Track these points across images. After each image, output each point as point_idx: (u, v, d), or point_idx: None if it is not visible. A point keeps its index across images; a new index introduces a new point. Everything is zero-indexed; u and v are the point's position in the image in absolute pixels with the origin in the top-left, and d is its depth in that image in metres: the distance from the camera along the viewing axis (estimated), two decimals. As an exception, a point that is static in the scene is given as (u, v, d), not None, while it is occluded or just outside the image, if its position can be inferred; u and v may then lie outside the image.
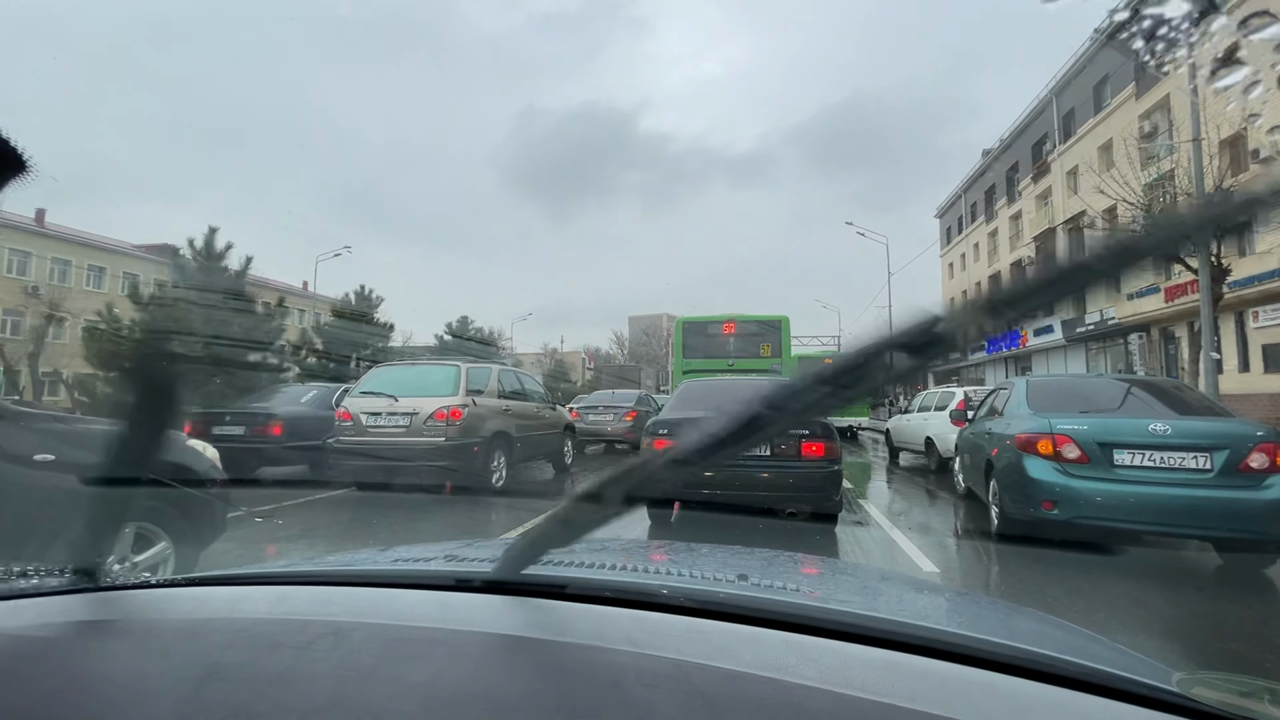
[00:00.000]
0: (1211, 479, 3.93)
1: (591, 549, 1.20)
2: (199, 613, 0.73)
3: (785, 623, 0.70)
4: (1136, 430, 4.14)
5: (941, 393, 10.64)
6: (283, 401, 9.00)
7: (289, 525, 6.08)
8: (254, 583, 0.87)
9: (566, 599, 0.77)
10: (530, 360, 53.82)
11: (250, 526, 5.90)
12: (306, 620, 0.67)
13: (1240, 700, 0.64)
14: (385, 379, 7.22)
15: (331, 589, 0.86)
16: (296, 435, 8.20)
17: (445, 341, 22.42)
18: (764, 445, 5.21)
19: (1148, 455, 4.07)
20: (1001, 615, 1.13)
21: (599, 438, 13.18)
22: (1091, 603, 3.66)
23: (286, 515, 6.45)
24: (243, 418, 8.25)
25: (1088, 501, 4.08)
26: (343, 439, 6.92)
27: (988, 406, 6.32)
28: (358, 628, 0.66)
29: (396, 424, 6.73)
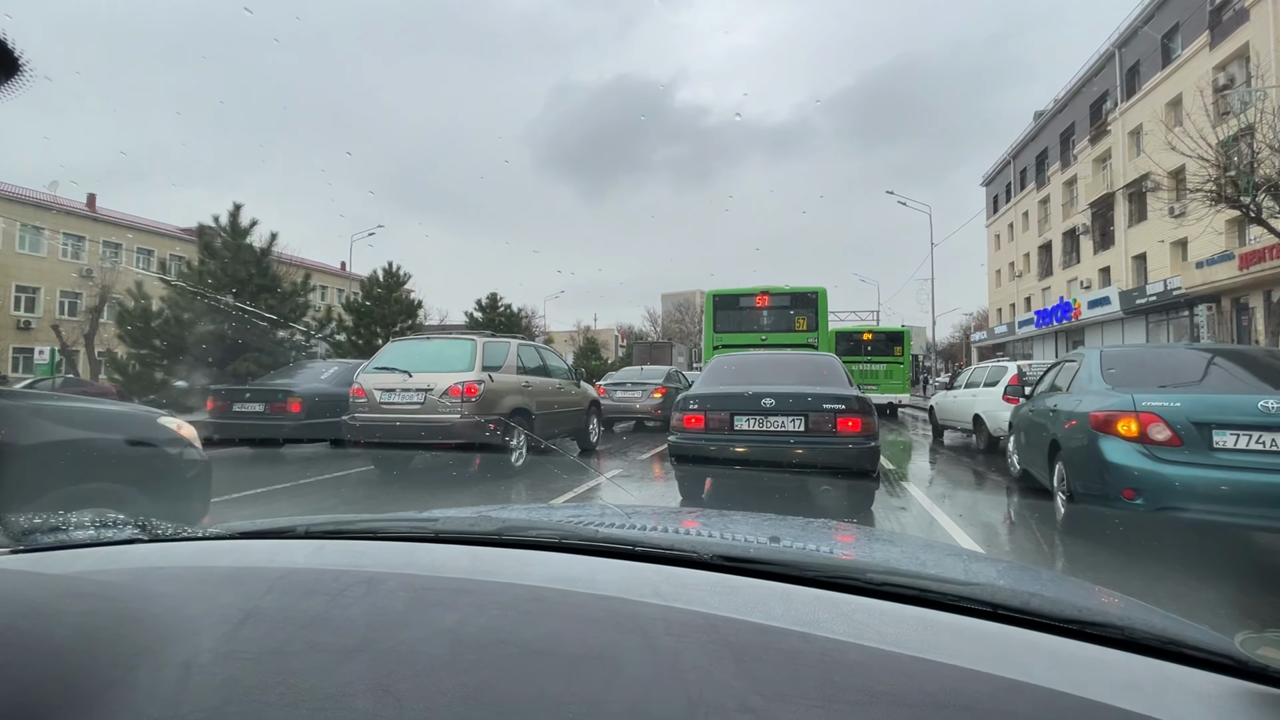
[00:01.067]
0: (1337, 465, 3.31)
1: (625, 512, 1.23)
2: (241, 562, 0.77)
3: (817, 579, 0.69)
4: (1242, 407, 3.52)
5: (992, 367, 9.92)
6: (303, 379, 8.89)
7: (306, 502, 5.95)
8: (293, 536, 0.90)
9: (594, 554, 0.77)
10: (563, 338, 53.95)
11: (261, 505, 5.78)
12: (341, 570, 0.70)
13: None
14: (399, 354, 6.96)
15: (365, 542, 0.88)
16: (316, 412, 8.07)
17: (474, 320, 22.33)
18: (798, 420, 4.84)
19: (1256, 437, 3.46)
20: (1046, 581, 1.09)
21: (627, 414, 12.87)
22: (1171, 603, 3.15)
23: (304, 493, 6.32)
24: (262, 395, 8.16)
25: (1180, 490, 3.50)
26: (358, 416, 6.70)
27: (1049, 382, 5.70)
28: (389, 578, 0.68)
29: (410, 401, 6.46)
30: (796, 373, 5.78)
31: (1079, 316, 28.41)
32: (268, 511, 5.63)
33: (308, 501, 6.00)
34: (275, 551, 0.83)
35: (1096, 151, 29.30)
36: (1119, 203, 27.24)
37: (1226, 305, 21.04)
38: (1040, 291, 35.32)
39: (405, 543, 0.87)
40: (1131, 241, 26.74)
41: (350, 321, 16.81)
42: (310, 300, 12.65)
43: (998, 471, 7.62)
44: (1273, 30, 18.36)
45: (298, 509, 5.75)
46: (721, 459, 5.08)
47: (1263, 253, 17.31)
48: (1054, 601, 0.69)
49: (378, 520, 1.00)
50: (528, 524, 0.99)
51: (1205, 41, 21.99)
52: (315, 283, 43.28)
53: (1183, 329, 23.43)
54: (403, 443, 6.47)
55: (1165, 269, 23.70)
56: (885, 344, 19.31)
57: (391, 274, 16.90)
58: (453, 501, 6.08)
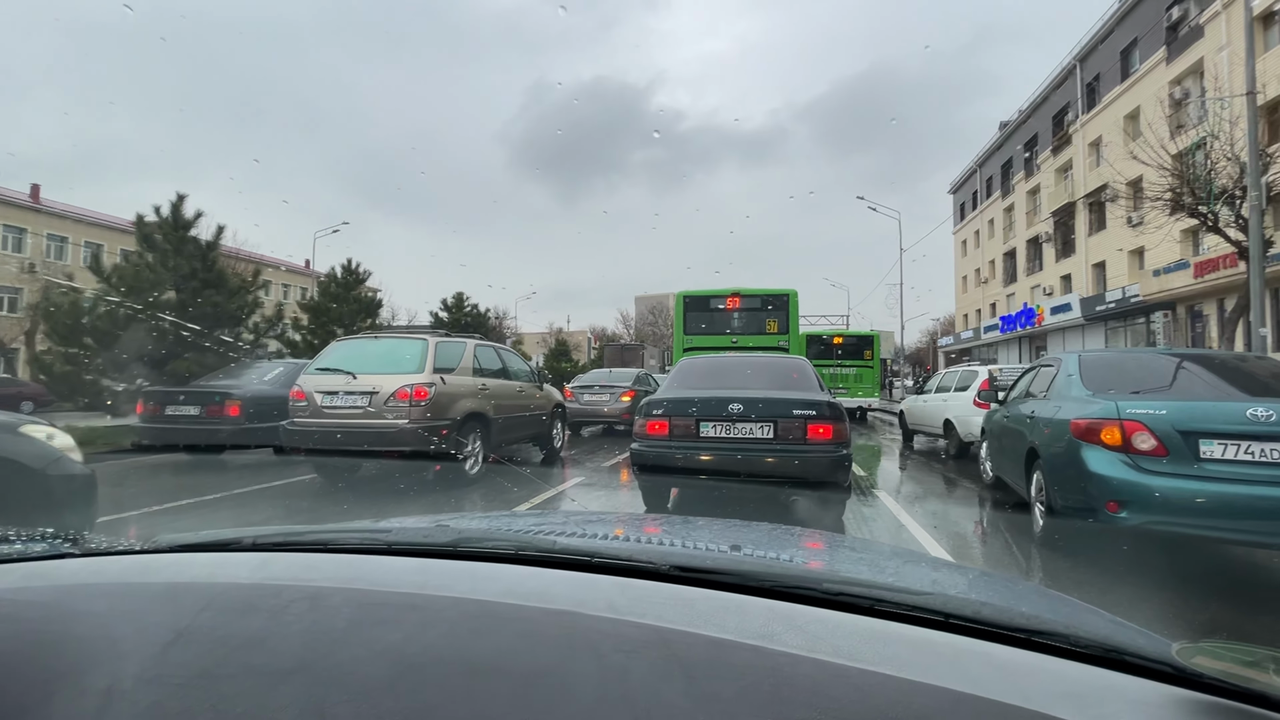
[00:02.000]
0: (1327, 477, 3.14)
1: (586, 519, 1.24)
2: (179, 577, 0.74)
3: (774, 590, 0.69)
4: (1230, 415, 3.34)
5: (963, 371, 9.84)
6: (246, 380, 8.32)
7: (246, 513, 5.46)
8: (238, 549, 0.87)
9: (550, 565, 0.76)
10: (534, 340, 53.27)
11: (195, 516, 5.28)
12: (284, 585, 0.68)
13: (1243, 670, 0.55)
14: (345, 354, 6.48)
15: (315, 555, 0.85)
16: (257, 416, 7.53)
17: (440, 320, 21.68)
18: (767, 426, 4.57)
19: (1244, 447, 3.28)
20: (1000, 587, 1.08)
21: (595, 419, 12.52)
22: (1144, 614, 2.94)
23: (244, 503, 5.82)
24: (197, 397, 7.58)
25: (1166, 503, 3.31)
26: (296, 421, 6.20)
27: (1023, 387, 5.53)
28: (335, 593, 0.66)
29: (354, 404, 6.00)
30: (766, 376, 5.51)
31: (1042, 322, 29.01)
32: (203, 523, 5.15)
33: (248, 511, 5.52)
34: (217, 565, 0.80)
35: (1058, 161, 30.01)
36: (1080, 212, 27.90)
37: (1182, 313, 21.64)
38: (1005, 297, 36.05)
39: (356, 555, 0.84)
40: (1092, 249, 27.40)
41: (306, 320, 16.09)
42: (260, 297, 11.95)
43: (970, 478, 7.48)
44: (1225, 46, 18.92)
45: (235, 520, 5.28)
46: (686, 468, 4.77)
47: (1216, 262, 17.79)
48: (1004, 610, 0.70)
49: (329, 531, 0.95)
50: (484, 535, 0.97)
51: (1162, 56, 22.63)
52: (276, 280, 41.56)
53: (1140, 335, 24.05)
54: (345, 450, 6.00)
55: (1124, 277, 24.30)
56: (856, 348, 19.33)
57: (350, 271, 16.24)
58: (404, 511, 5.65)
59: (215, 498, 5.90)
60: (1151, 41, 23.32)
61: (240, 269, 14.22)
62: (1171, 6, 22.31)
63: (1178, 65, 21.72)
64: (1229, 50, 18.37)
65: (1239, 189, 10.96)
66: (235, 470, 7.54)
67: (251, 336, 11.89)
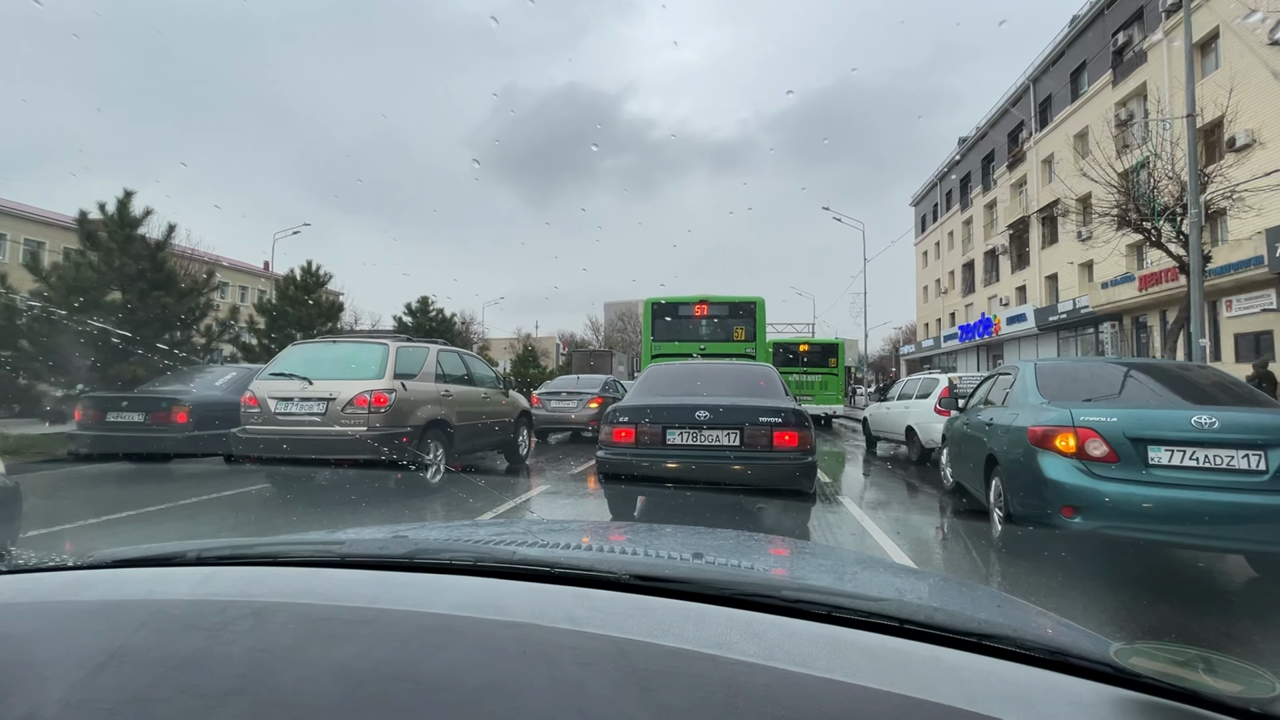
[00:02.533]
0: (1265, 483, 3.27)
1: (549, 528, 1.22)
2: (115, 594, 0.71)
3: (734, 598, 0.69)
4: (1176, 423, 3.46)
5: (924, 379, 10.05)
6: (195, 385, 7.96)
7: (193, 525, 5.19)
8: (181, 563, 0.84)
9: (509, 577, 0.75)
10: (502, 345, 52.66)
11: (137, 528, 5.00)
12: (227, 601, 0.66)
13: (1175, 669, 0.59)
14: (301, 359, 6.25)
15: (263, 569, 0.81)
16: (207, 423, 7.21)
17: (404, 324, 21.23)
18: (733, 434, 4.57)
19: (1190, 453, 3.39)
20: (956, 592, 1.11)
21: (563, 425, 12.40)
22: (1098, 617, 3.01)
23: (190, 514, 5.54)
24: (142, 403, 7.21)
25: (1117, 509, 3.40)
26: (248, 429, 5.95)
27: (982, 395, 5.66)
28: (282, 608, 0.64)
29: (310, 411, 5.78)
30: (733, 383, 5.52)
31: (999, 332, 29.97)
32: (145, 536, 4.88)
33: (194, 524, 5.26)
34: (157, 581, 0.76)
35: (1014, 177, 31.14)
36: (1034, 225, 28.97)
37: (1128, 323, 22.62)
38: (964, 307, 37.14)
39: (307, 568, 0.81)
40: (1045, 262, 28.47)
41: (262, 324, 15.55)
42: (213, 299, 11.50)
43: (931, 484, 7.62)
44: (1166, 71, 19.94)
45: (179, 533, 5.02)
46: (653, 476, 4.73)
47: (1159, 275, 18.64)
48: (956, 615, 0.72)
49: (280, 543, 0.92)
50: (441, 546, 0.94)
51: (1109, 79, 23.72)
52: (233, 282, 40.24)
53: (1089, 345, 25.04)
54: (299, 458, 5.77)
55: (1075, 288, 25.29)
56: (821, 355, 19.63)
57: (310, 273, 15.77)
58: (362, 522, 5.46)
59: (159, 509, 5.61)
60: (1099, 65, 24.42)
61: (193, 270, 13.69)
62: (1117, 32, 23.43)
63: (1123, 88, 22.79)
64: (1169, 75, 19.38)
65: (1180, 206, 11.52)
66: (182, 480, 7.20)
67: (203, 340, 11.43)
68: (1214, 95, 13.63)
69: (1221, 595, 3.72)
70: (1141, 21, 22.30)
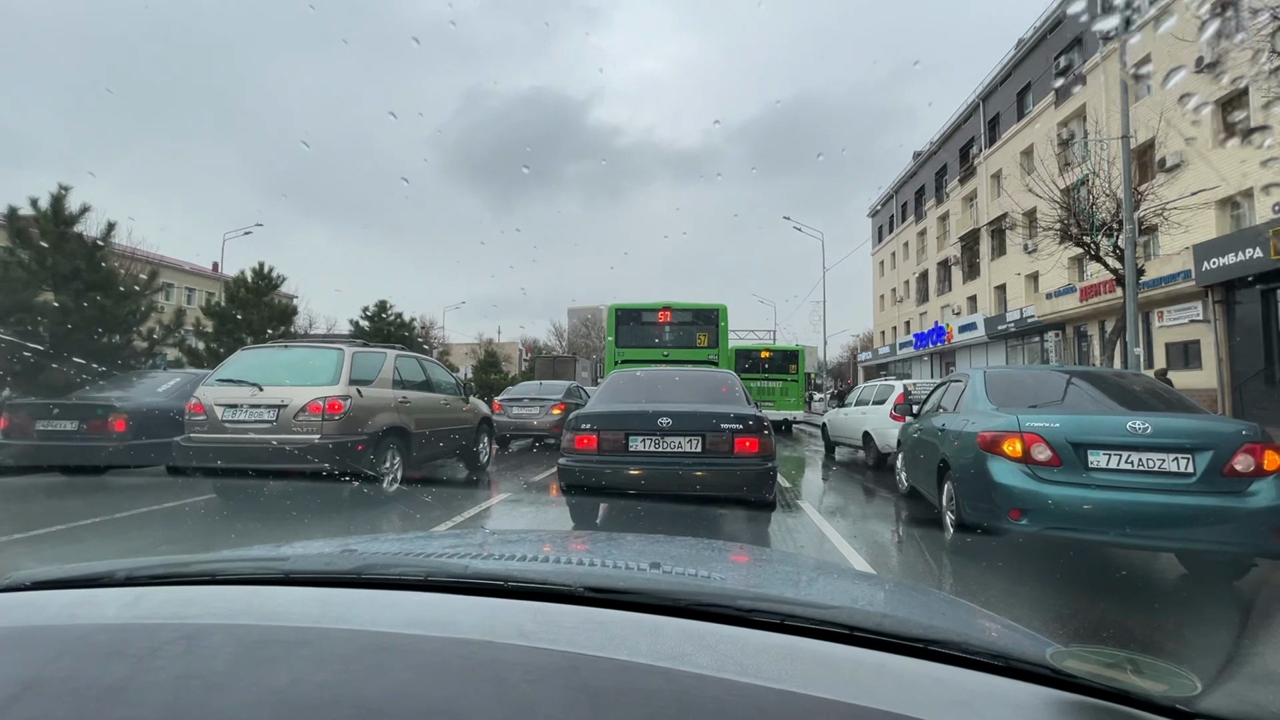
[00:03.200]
0: (1194, 484, 3.47)
1: (507, 539, 1.24)
2: (32, 619, 0.67)
3: (689, 609, 0.69)
4: (1113, 428, 3.64)
5: (880, 386, 10.32)
6: (135, 392, 7.58)
7: (129, 541, 4.91)
8: (109, 584, 0.78)
9: (461, 592, 0.74)
10: (463, 350, 51.81)
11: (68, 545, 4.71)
12: (157, 624, 0.63)
13: (1105, 670, 0.61)
14: (250, 364, 6.01)
15: (199, 588, 0.78)
16: (147, 431, 6.87)
17: (360, 329, 20.68)
18: (695, 440, 4.60)
19: (1125, 457, 3.57)
20: (907, 597, 1.14)
21: (525, 432, 12.26)
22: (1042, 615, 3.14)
23: (127, 530, 5.25)
24: (75, 411, 6.82)
25: (1061, 510, 3.55)
26: (193, 437, 5.69)
27: (935, 401, 5.84)
28: (216, 630, 0.62)
29: (260, 419, 5.56)
30: (696, 390, 5.55)
31: (951, 340, 31.02)
32: (73, 553, 4.60)
33: (127, 539, 4.97)
34: (80, 604, 0.72)
35: (965, 191, 32.36)
36: (984, 238, 30.15)
37: (1070, 332, 23.71)
38: (918, 316, 38.33)
39: (248, 586, 0.78)
40: (994, 273, 29.63)
41: (210, 327, 14.93)
42: (156, 301, 10.99)
43: (887, 488, 7.81)
44: (1104, 94, 21.09)
45: (113, 550, 4.75)
46: (616, 483, 4.72)
47: (1098, 287, 19.62)
48: (903, 621, 0.74)
49: (219, 560, 0.88)
50: (391, 561, 0.92)
51: (1051, 100, 24.93)
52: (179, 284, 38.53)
53: (1035, 353, 26.14)
54: (249, 467, 5.54)
55: (1022, 298, 26.40)
56: (782, 362, 19.93)
57: (262, 275, 15.23)
58: (312, 535, 5.27)
59: (89, 523, 5.30)
60: (1043, 86, 25.65)
61: (134, 270, 13.05)
62: (1059, 56, 24.66)
63: (1065, 109, 23.97)
64: (1107, 98, 20.49)
65: (1116, 222, 12.16)
66: (118, 493, 6.82)
67: (145, 344, 10.90)
68: (1146, 119, 14.47)
69: (1155, 593, 3.92)
70: (1081, 47, 23.52)
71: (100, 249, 10.35)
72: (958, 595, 3.49)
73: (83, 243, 10.29)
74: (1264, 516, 3.32)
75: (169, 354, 13.17)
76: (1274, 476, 3.44)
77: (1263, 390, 15.29)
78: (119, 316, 10.22)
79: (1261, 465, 3.40)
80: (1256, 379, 15.43)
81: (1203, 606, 3.65)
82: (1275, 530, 3.35)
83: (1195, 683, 0.58)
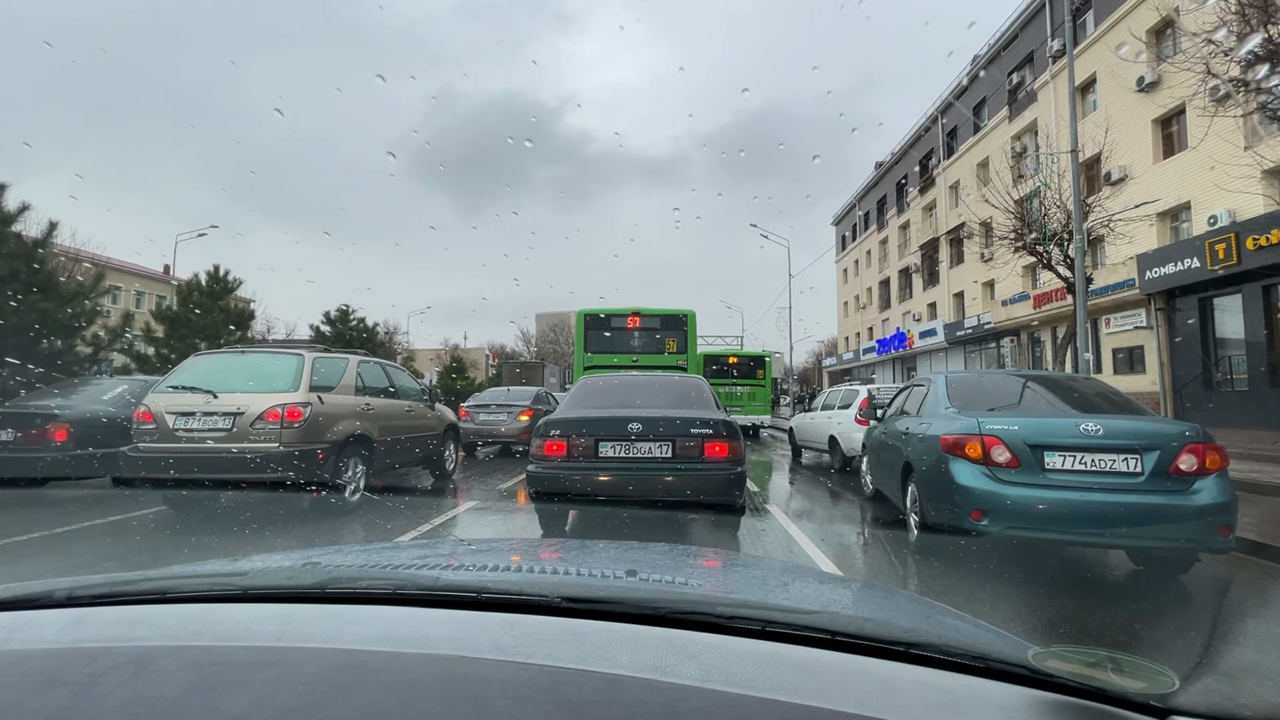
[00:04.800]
0: (1142, 483, 3.62)
1: (476, 549, 1.16)
2: None
3: (669, 617, 0.68)
4: (1067, 430, 3.77)
5: (845, 390, 10.51)
6: (78, 399, 7.21)
7: (71, 557, 4.64)
8: (48, 604, 0.73)
9: (432, 605, 0.71)
10: (428, 356, 50.92)
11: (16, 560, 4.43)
12: (101, 648, 0.59)
13: (1086, 670, 0.62)
14: (204, 370, 5.78)
15: (148, 607, 0.73)
16: (90, 441, 6.54)
17: (322, 334, 20.12)
18: (665, 445, 4.61)
19: (1079, 458, 3.70)
20: (880, 598, 1.15)
21: (492, 439, 12.10)
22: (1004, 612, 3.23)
23: (59, 545, 4.96)
24: (12, 419, 6.45)
25: (1020, 511, 3.66)
26: (141, 447, 5.43)
27: (898, 405, 5.97)
28: (167, 653, 0.58)
29: (215, 427, 5.35)
30: (665, 395, 5.56)
31: (912, 345, 31.84)
32: (11, 573, 4.33)
33: (67, 556, 4.71)
34: (16, 627, 0.68)
35: (925, 201, 33.33)
36: (943, 246, 31.06)
37: (1025, 338, 24.59)
38: (881, 322, 39.25)
39: (203, 604, 0.74)
40: (953, 281, 30.55)
41: (161, 332, 14.33)
42: (102, 304, 10.50)
43: (852, 491, 7.94)
44: (1054, 109, 22.01)
45: (48, 567, 4.48)
46: (585, 489, 4.68)
47: (1051, 295, 20.40)
48: (884, 625, 0.74)
49: (169, 577, 0.82)
50: (357, 574, 0.89)
51: (1005, 115, 25.90)
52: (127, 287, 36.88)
53: (992, 358, 27.02)
54: (203, 478, 5.32)
55: (979, 305, 27.26)
56: (749, 367, 20.15)
57: (217, 279, 14.70)
58: (271, 547, 5.08)
59: (22, 540, 5.01)
60: (997, 101, 26.64)
61: (77, 271, 12.44)
62: (1012, 73, 25.66)
63: (1018, 123, 24.92)
64: (1056, 114, 21.39)
65: (1066, 232, 12.68)
66: (58, 506, 6.47)
67: (89, 350, 10.39)
68: (1093, 134, 15.15)
69: (1110, 589, 4.07)
70: (1032, 64, 24.52)
71: (41, 248, 9.85)
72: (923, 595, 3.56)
73: (22, 243, 9.77)
74: (1207, 513, 3.49)
75: (115, 360, 12.57)
76: (1215, 475, 3.61)
77: (1200, 393, 16.10)
78: (60, 320, 9.73)
79: (1204, 464, 3.57)
80: (1195, 382, 16.24)
81: (1154, 601, 3.80)
82: (1217, 526, 3.52)
83: (1174, 679, 0.59)
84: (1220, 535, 3.51)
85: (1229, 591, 3.91)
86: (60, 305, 9.73)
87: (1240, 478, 6.69)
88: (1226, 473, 3.70)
